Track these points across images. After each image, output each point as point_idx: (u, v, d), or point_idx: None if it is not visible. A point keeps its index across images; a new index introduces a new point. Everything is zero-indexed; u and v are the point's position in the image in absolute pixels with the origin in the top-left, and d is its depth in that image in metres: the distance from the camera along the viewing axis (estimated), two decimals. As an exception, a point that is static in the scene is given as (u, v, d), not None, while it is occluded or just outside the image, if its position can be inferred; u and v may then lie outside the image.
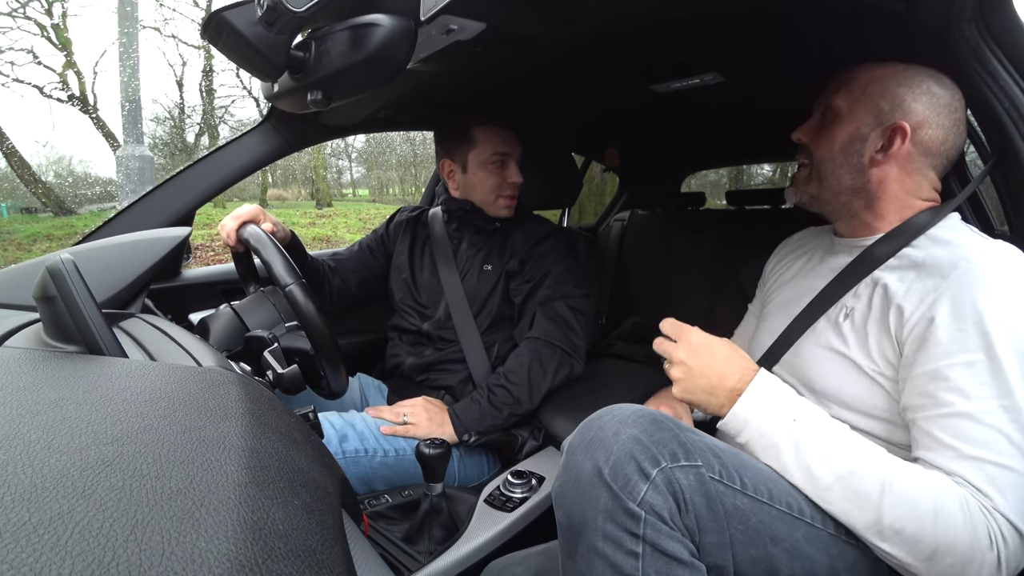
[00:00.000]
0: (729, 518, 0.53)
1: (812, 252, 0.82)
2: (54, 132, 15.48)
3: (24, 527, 0.24)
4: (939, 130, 0.66)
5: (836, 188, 0.71)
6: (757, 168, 8.57)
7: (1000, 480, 0.51)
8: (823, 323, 0.70)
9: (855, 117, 0.69)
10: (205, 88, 12.04)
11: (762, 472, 0.57)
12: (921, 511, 0.51)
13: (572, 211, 2.16)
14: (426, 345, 1.22)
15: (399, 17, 0.66)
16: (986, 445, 0.52)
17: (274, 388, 0.76)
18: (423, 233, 1.29)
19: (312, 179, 15.33)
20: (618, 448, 0.53)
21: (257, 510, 0.30)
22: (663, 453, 0.52)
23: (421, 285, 1.25)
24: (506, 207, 1.19)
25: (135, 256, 0.85)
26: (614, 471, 0.52)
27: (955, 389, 0.54)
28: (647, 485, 0.51)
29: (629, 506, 0.51)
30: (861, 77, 0.70)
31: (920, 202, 0.69)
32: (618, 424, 0.55)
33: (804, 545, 0.54)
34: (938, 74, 0.68)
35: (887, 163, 0.68)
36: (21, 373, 0.44)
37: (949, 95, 0.67)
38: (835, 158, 0.70)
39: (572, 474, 0.55)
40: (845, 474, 0.54)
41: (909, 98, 0.66)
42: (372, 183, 21.73)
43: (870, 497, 0.53)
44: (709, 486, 0.53)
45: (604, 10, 0.72)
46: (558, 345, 1.09)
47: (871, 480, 0.53)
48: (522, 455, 1.07)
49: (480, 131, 1.16)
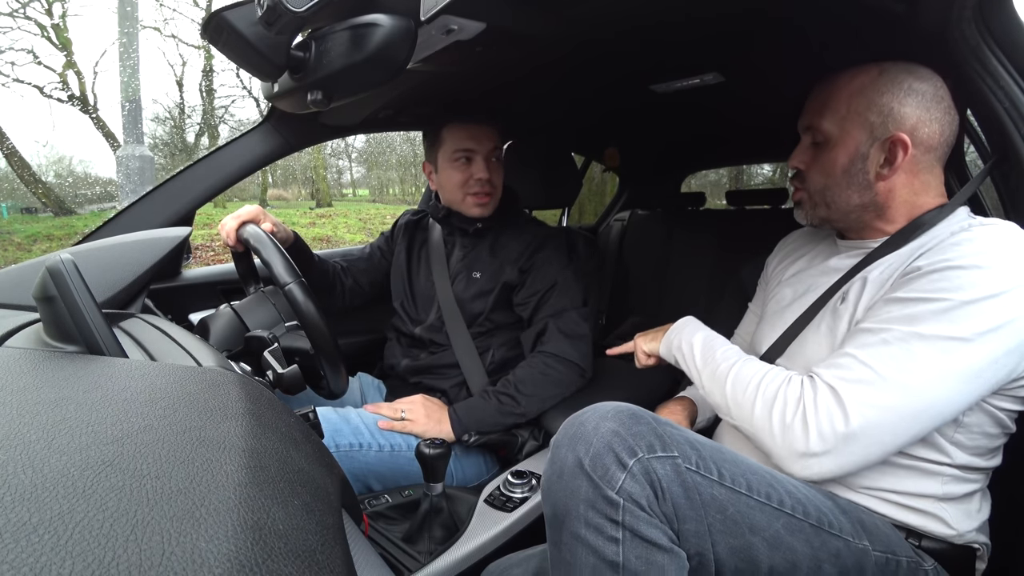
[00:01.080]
0: (707, 507, 0.54)
1: (815, 251, 0.83)
2: (54, 132, 15.50)
3: (24, 527, 0.24)
4: (934, 124, 0.66)
5: (845, 208, 0.71)
6: (757, 168, 8.56)
7: (845, 375, 0.59)
8: (823, 313, 0.72)
9: (849, 137, 0.69)
10: (205, 88, 12.04)
11: (740, 464, 0.58)
12: (749, 383, 0.67)
13: (572, 211, 2.16)
14: (420, 348, 1.21)
15: (399, 17, 0.66)
16: (845, 367, 0.60)
17: (274, 388, 0.76)
18: (422, 237, 1.29)
19: (312, 179, 15.33)
20: (597, 440, 0.55)
21: (257, 510, 0.30)
22: (640, 445, 0.54)
23: (416, 289, 1.24)
24: (476, 205, 1.14)
25: (135, 256, 0.85)
26: (594, 462, 0.54)
27: (868, 330, 0.61)
28: (624, 474, 0.53)
29: (608, 494, 0.53)
30: (841, 93, 0.69)
31: (929, 200, 0.69)
32: (598, 419, 0.57)
33: (785, 535, 0.56)
34: (913, 67, 0.67)
35: (894, 175, 0.68)
36: (21, 373, 0.44)
37: (930, 85, 0.66)
38: (839, 181, 0.70)
39: (556, 467, 0.57)
40: (714, 367, 0.72)
41: (896, 104, 0.66)
42: (372, 183, 21.74)
43: (722, 378, 0.70)
44: (686, 476, 0.54)
45: (604, 10, 0.72)
46: (575, 363, 1.08)
47: (724, 366, 0.71)
48: (522, 455, 1.07)
49: (447, 129, 1.13)
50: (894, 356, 0.57)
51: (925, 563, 0.62)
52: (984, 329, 0.55)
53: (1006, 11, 0.62)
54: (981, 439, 0.62)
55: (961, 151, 0.91)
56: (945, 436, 0.61)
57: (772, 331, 0.79)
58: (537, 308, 1.13)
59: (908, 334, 0.57)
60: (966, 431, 0.61)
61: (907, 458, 0.62)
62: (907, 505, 0.63)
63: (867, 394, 0.57)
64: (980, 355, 0.55)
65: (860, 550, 0.58)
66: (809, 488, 0.61)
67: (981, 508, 0.65)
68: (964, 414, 0.60)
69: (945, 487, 0.62)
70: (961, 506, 0.63)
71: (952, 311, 0.56)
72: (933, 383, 0.56)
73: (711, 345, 0.76)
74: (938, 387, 0.56)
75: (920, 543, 0.63)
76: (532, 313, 1.14)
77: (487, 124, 1.14)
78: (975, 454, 0.62)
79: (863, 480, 0.64)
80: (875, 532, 0.60)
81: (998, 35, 0.63)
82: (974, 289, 0.55)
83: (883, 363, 0.58)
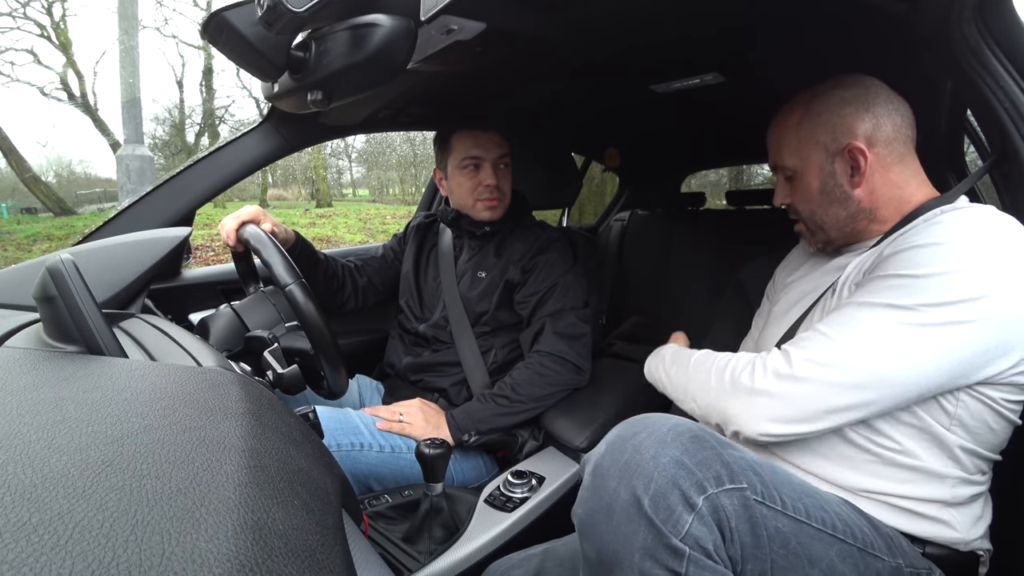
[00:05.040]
0: (771, 543, 0.50)
1: (819, 256, 0.84)
2: (54, 132, 15.51)
3: (24, 527, 0.24)
4: (880, 119, 0.68)
5: (838, 224, 0.74)
6: (757, 168, 8.55)
7: (799, 342, 0.63)
8: (816, 307, 0.74)
9: (810, 163, 0.72)
10: (205, 88, 12.05)
11: (795, 486, 0.56)
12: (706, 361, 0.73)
13: (572, 211, 2.16)
14: (424, 347, 1.22)
15: (399, 17, 0.66)
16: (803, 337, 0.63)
17: (274, 388, 0.76)
18: (432, 240, 1.31)
19: (312, 179, 15.34)
20: (659, 474, 0.48)
21: (257, 510, 0.30)
22: (708, 477, 0.49)
23: (424, 290, 1.26)
24: (487, 209, 1.17)
25: (135, 256, 0.85)
26: (655, 502, 0.48)
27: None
28: (692, 516, 0.47)
29: (672, 542, 0.47)
30: (786, 129, 0.74)
31: (914, 190, 0.70)
32: (656, 444, 0.50)
33: (837, 564, 0.53)
34: (840, 78, 0.71)
35: (864, 179, 0.70)
36: (21, 373, 0.44)
37: (860, 88, 0.69)
38: (821, 203, 0.73)
39: (603, 502, 0.50)
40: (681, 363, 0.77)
41: (835, 119, 0.69)
42: (372, 183, 21.76)
43: (685, 365, 0.76)
44: (754, 510, 0.50)
45: (604, 11, 0.72)
46: (570, 361, 1.08)
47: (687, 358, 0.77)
48: (522, 455, 1.07)
49: (456, 137, 1.16)
50: (845, 323, 0.60)
51: (934, 573, 0.61)
52: (934, 302, 0.55)
53: (1006, 11, 0.62)
54: (984, 434, 0.61)
55: (961, 151, 0.91)
56: (943, 426, 0.60)
57: (777, 330, 0.80)
58: (536, 308, 1.14)
59: (861, 304, 0.60)
60: (963, 426, 0.60)
61: (914, 459, 0.61)
62: (915, 511, 0.62)
63: (812, 352, 0.60)
64: (931, 327, 0.55)
65: (895, 568, 0.57)
66: (846, 505, 0.60)
67: (984, 513, 0.64)
68: (954, 406, 0.59)
69: (954, 490, 0.62)
70: (968, 510, 0.63)
71: (905, 285, 0.57)
72: (878, 348, 0.57)
73: (679, 351, 0.82)
74: (884, 352, 0.56)
75: (924, 550, 0.62)
76: (531, 313, 1.14)
77: (495, 131, 1.16)
78: (979, 447, 0.61)
79: (871, 484, 0.63)
80: (899, 547, 0.60)
81: (998, 35, 0.63)
82: (929, 265, 0.56)
83: (834, 329, 0.60)
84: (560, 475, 0.98)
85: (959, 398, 0.59)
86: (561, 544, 0.74)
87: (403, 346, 1.25)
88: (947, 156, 1.05)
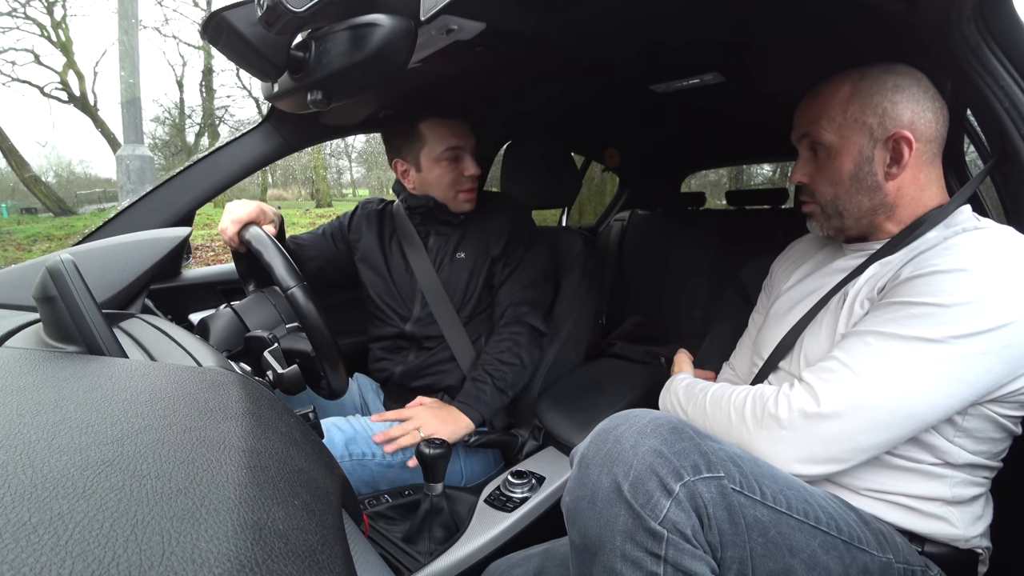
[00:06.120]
0: (750, 531, 0.51)
1: (822, 255, 0.83)
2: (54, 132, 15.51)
3: (24, 527, 0.24)
4: (928, 114, 0.67)
5: (857, 213, 0.71)
6: (757, 168, 8.56)
7: (823, 375, 0.61)
8: (824, 312, 0.72)
9: (851, 143, 0.69)
10: (205, 88, 12.05)
11: (777, 478, 0.57)
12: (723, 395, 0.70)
13: (572, 211, 2.16)
14: (408, 349, 1.19)
15: (399, 17, 0.66)
16: (825, 368, 0.61)
17: (274, 388, 0.76)
18: (390, 227, 1.25)
19: (312, 179, 15.34)
20: (638, 462, 0.50)
21: (257, 510, 0.30)
22: (685, 465, 0.50)
23: (397, 279, 1.21)
24: (467, 200, 1.16)
25: (135, 256, 0.85)
26: (634, 487, 0.50)
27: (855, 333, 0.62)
28: (670, 501, 0.49)
29: (651, 525, 0.49)
30: (833, 102, 0.70)
31: (931, 196, 0.69)
32: (636, 435, 0.53)
33: (820, 555, 0.54)
34: (891, 65, 0.68)
35: (903, 172, 0.68)
36: (21, 373, 0.44)
37: (912, 79, 0.67)
38: (848, 188, 0.70)
39: (587, 490, 0.52)
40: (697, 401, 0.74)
41: (887, 104, 0.67)
42: (372, 183, 21.73)
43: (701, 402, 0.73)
44: (731, 498, 0.51)
45: (604, 11, 0.72)
46: (533, 325, 1.13)
47: (705, 395, 0.73)
48: (522, 455, 1.07)
49: (428, 127, 1.11)
50: (871, 356, 0.58)
51: (931, 571, 0.61)
52: (961, 333, 0.55)
53: (1006, 11, 0.62)
54: (986, 444, 0.62)
55: (961, 151, 0.91)
56: (947, 437, 0.61)
57: (777, 332, 0.79)
58: (505, 280, 1.17)
59: (887, 335, 0.58)
60: (968, 436, 0.61)
61: (911, 461, 0.62)
62: (915, 508, 0.62)
63: (841, 389, 0.58)
64: (958, 359, 0.55)
65: (884, 563, 0.57)
66: (834, 500, 0.60)
67: (985, 512, 0.65)
68: (963, 419, 0.60)
69: (954, 490, 0.62)
70: (968, 509, 0.63)
71: (931, 315, 0.56)
72: (908, 384, 0.56)
73: (691, 386, 0.79)
74: (914, 388, 0.56)
75: (923, 548, 0.63)
76: (500, 284, 1.18)
77: (462, 120, 1.15)
78: (981, 456, 0.62)
79: (871, 483, 0.63)
80: (892, 543, 0.60)
81: (998, 35, 0.63)
82: (955, 294, 0.55)
83: (860, 363, 0.59)
84: (560, 475, 0.98)
85: (968, 412, 0.59)
86: (561, 544, 0.74)
87: (387, 355, 1.21)
88: (947, 156, 1.05)
